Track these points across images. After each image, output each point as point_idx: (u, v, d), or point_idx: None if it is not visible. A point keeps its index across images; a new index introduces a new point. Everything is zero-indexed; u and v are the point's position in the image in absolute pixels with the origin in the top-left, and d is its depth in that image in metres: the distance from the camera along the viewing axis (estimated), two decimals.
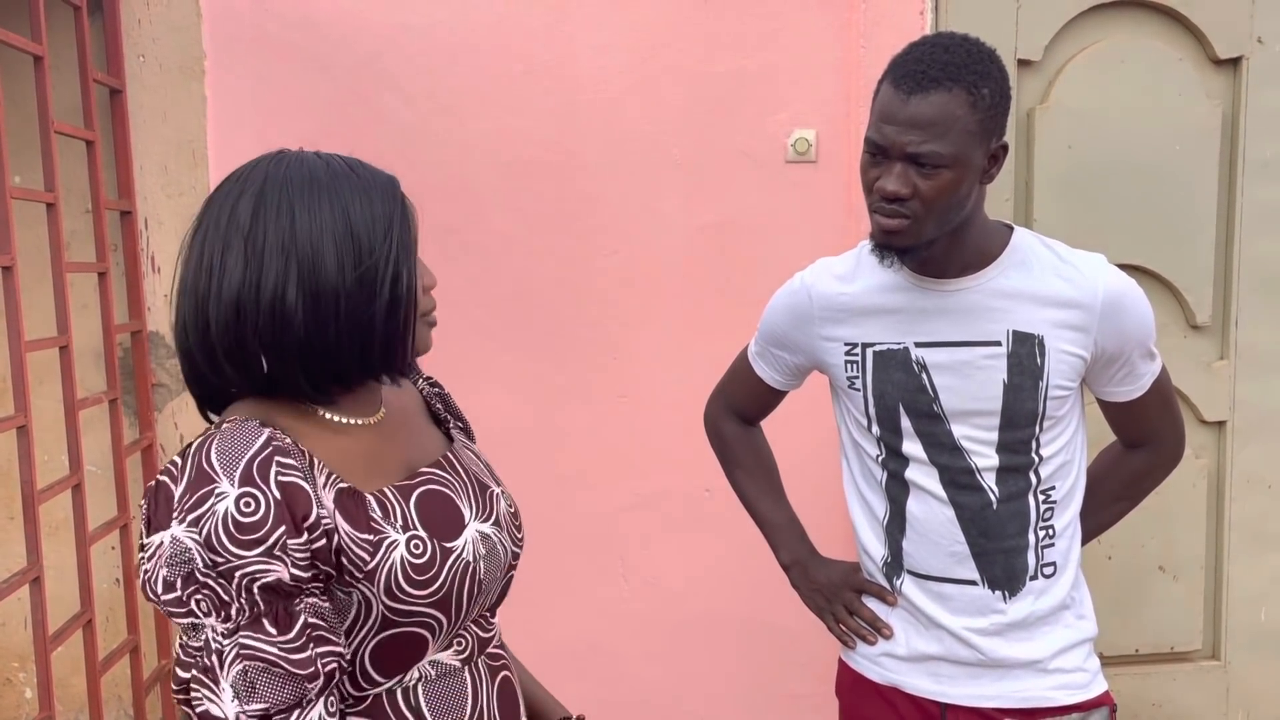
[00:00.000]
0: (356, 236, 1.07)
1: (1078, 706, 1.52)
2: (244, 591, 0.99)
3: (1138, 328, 1.48)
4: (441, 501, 1.15)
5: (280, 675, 0.99)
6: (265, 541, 0.99)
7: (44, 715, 2.13)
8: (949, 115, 1.35)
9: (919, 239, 1.41)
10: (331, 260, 1.05)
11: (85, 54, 2.44)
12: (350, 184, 1.09)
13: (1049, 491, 1.50)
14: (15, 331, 2.09)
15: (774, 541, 1.78)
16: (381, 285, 1.07)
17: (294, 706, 1.00)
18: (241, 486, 1.00)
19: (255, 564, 0.99)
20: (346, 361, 1.09)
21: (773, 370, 1.72)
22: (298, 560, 1.01)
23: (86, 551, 2.34)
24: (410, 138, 2.66)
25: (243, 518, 0.99)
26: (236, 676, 0.99)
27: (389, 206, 1.10)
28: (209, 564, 0.98)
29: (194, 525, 0.98)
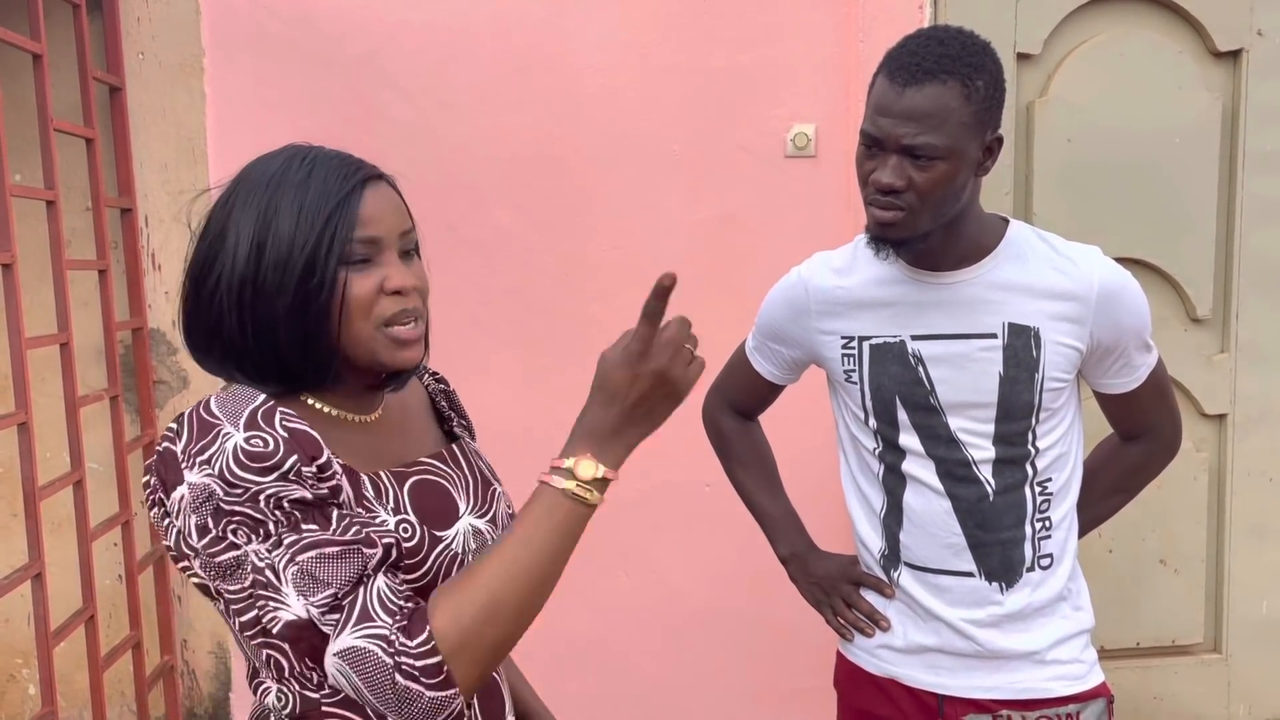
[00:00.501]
0: (277, 227, 1.05)
1: (1075, 697, 1.52)
2: (274, 508, 0.99)
3: (1133, 320, 1.48)
4: (436, 491, 1.14)
5: (334, 556, 0.99)
6: (280, 467, 0.99)
7: (47, 710, 2.14)
8: (944, 107, 1.35)
9: (914, 231, 1.41)
10: (244, 250, 1.05)
11: (85, 52, 2.44)
12: (294, 181, 1.07)
13: (1045, 483, 1.50)
14: (16, 329, 2.09)
15: (772, 535, 1.79)
16: (288, 280, 1.05)
17: (357, 583, 0.99)
18: (247, 430, 1.00)
19: (274, 486, 0.99)
20: (257, 356, 1.07)
21: (770, 365, 1.72)
22: (315, 486, 1.01)
23: (88, 548, 2.35)
24: (409, 134, 2.67)
25: (252, 449, 0.99)
26: (294, 577, 0.98)
27: (322, 203, 1.06)
28: (231, 494, 0.98)
29: (206, 465, 0.99)
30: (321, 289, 1.05)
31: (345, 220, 1.06)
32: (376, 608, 0.99)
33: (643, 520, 2.83)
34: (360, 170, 1.11)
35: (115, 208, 2.59)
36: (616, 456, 1.09)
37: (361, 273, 1.07)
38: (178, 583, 2.77)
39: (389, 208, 1.11)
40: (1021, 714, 1.51)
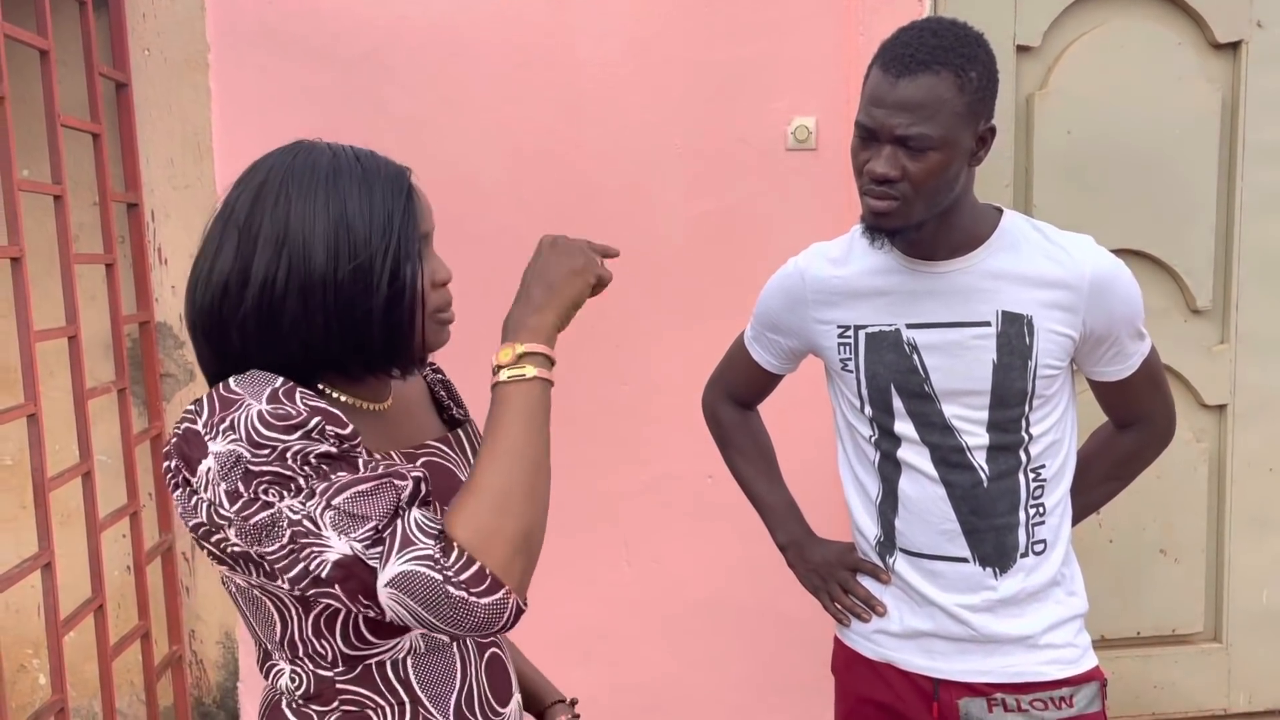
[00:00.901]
0: (352, 229, 1.07)
1: (1068, 681, 1.54)
2: (302, 464, 1.00)
3: (1126, 308, 1.50)
4: (444, 474, 1.16)
5: (368, 492, 1.01)
6: (305, 426, 1.01)
7: (57, 698, 2.16)
8: (937, 98, 1.37)
9: (909, 220, 1.43)
10: (322, 252, 1.06)
11: (91, 48, 2.47)
12: (352, 176, 1.09)
13: (1039, 470, 1.52)
14: (25, 322, 2.12)
15: (771, 523, 1.81)
16: (379, 280, 1.07)
17: (394, 515, 1.01)
18: (270, 403, 1.02)
19: (300, 443, 1.01)
20: (342, 353, 1.09)
21: (768, 354, 1.74)
22: (345, 442, 1.03)
23: (97, 538, 2.38)
24: (412, 129, 2.69)
25: (274, 416, 1.01)
26: (333, 519, 1.00)
27: (391, 200, 1.10)
28: (258, 455, 1.00)
29: (230, 432, 1.00)
30: (405, 285, 1.09)
31: (411, 217, 1.11)
32: (417, 533, 1.01)
33: (645, 511, 2.85)
34: (402, 168, 1.15)
35: (122, 202, 2.61)
36: (531, 332, 1.14)
37: (424, 264, 1.13)
38: (186, 574, 2.80)
39: (427, 201, 1.17)
40: (1015, 697, 1.52)
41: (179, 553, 2.78)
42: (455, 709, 1.16)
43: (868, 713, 1.64)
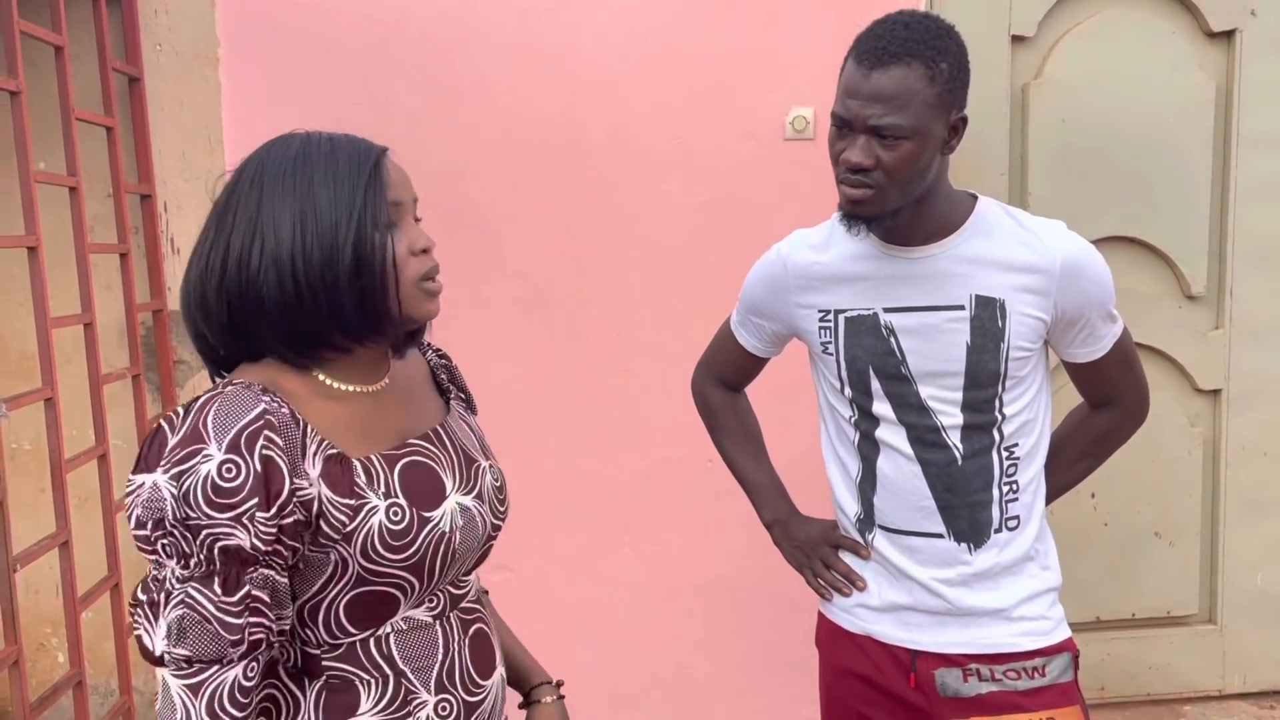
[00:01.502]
0: (316, 203, 1.13)
1: (1041, 651, 1.58)
2: (205, 548, 1.06)
3: (1096, 290, 1.54)
4: (425, 473, 1.21)
5: (210, 632, 1.06)
6: (237, 509, 1.05)
7: (74, 671, 2.24)
8: (908, 89, 1.41)
9: (883, 208, 1.48)
10: (289, 226, 1.12)
11: (104, 43, 2.54)
12: (319, 157, 1.15)
13: (1012, 449, 1.57)
14: (41, 309, 2.20)
15: (757, 501, 1.86)
16: (343, 247, 1.13)
17: (214, 662, 1.07)
18: (227, 453, 1.06)
19: (222, 527, 1.05)
20: (318, 322, 1.14)
21: (753, 338, 1.80)
22: (262, 533, 1.07)
23: (113, 518, 2.46)
24: (417, 121, 2.75)
25: (223, 482, 1.05)
26: (174, 619, 1.06)
27: (356, 174, 1.15)
28: (179, 517, 1.05)
29: (176, 479, 1.05)
30: (372, 252, 1.14)
31: (378, 184, 1.16)
32: (206, 698, 1.07)
33: (646, 495, 2.91)
34: (373, 145, 1.20)
35: (135, 194, 2.68)
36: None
37: (395, 234, 1.17)
38: None
39: (403, 176, 1.21)
40: (989, 668, 1.57)
41: None
42: (437, 681, 1.22)
43: (849, 683, 1.69)
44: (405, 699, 1.19)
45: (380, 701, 1.18)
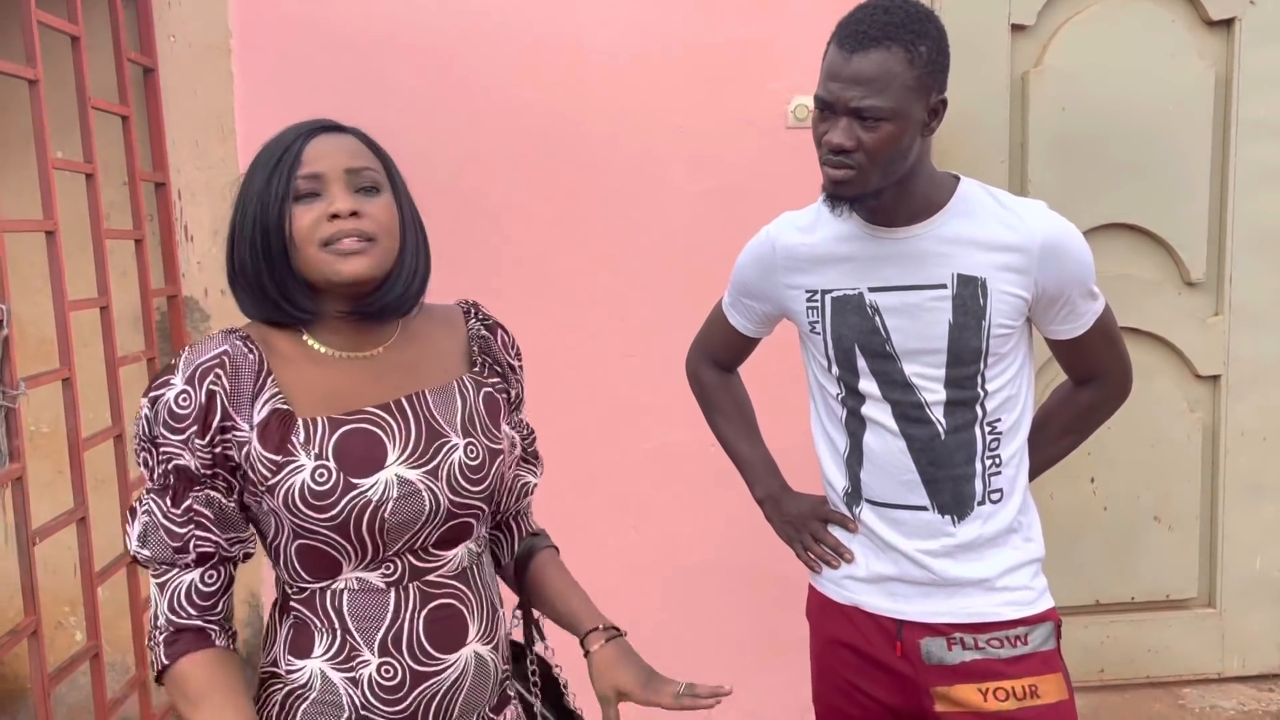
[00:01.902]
0: (250, 187, 1.29)
1: (1023, 620, 1.63)
2: (162, 465, 1.25)
3: (1076, 268, 1.58)
4: (365, 441, 1.26)
5: (160, 539, 1.25)
6: (184, 432, 1.23)
7: (92, 644, 2.31)
8: (888, 72, 1.46)
9: (865, 188, 1.52)
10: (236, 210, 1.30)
11: (119, 34, 2.60)
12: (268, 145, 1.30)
13: (995, 423, 1.61)
14: (59, 291, 2.26)
15: (749, 478, 1.91)
16: (252, 223, 1.27)
17: (169, 565, 1.26)
18: (184, 384, 1.24)
19: (173, 447, 1.24)
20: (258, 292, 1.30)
21: (744, 319, 1.84)
22: (201, 457, 1.24)
23: (128, 497, 2.52)
24: (425, 110, 2.80)
25: (177, 409, 1.23)
26: (140, 525, 1.26)
27: (272, 157, 1.28)
28: (149, 435, 1.25)
29: (151, 404, 1.25)
30: (273, 223, 1.26)
31: (289, 163, 1.26)
32: (168, 596, 1.26)
33: (650, 478, 2.95)
34: (315, 124, 1.30)
35: (150, 182, 2.75)
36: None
37: (307, 205, 1.26)
38: None
39: (334, 149, 1.28)
40: (973, 636, 1.62)
41: None
42: (381, 644, 1.28)
43: (838, 653, 1.74)
44: (350, 654, 1.28)
45: (329, 650, 1.29)
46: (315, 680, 1.28)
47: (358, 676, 1.28)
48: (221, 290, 2.86)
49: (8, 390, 2.00)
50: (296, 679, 1.29)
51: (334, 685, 1.28)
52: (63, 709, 2.97)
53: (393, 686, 1.28)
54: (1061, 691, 1.62)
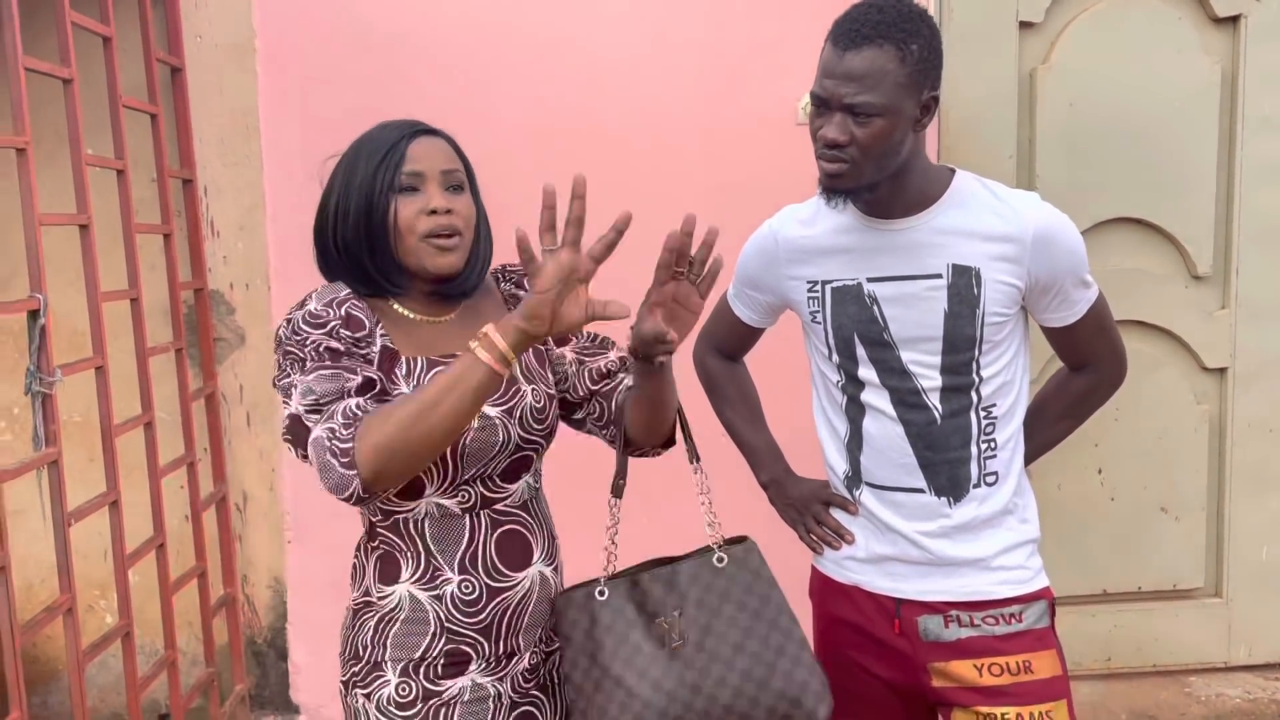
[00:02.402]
0: (353, 179, 1.46)
1: (1018, 599, 1.68)
2: (311, 348, 1.40)
3: (1068, 258, 1.62)
4: None
5: (329, 376, 1.38)
6: (325, 326, 1.42)
7: (123, 623, 2.40)
8: (879, 69, 1.51)
9: (859, 181, 1.58)
10: (335, 199, 1.47)
11: (149, 35, 2.69)
12: (368, 139, 1.48)
13: (990, 409, 1.66)
14: (92, 282, 2.35)
15: (754, 463, 1.97)
16: (360, 208, 1.45)
17: (335, 397, 1.37)
18: (320, 305, 1.44)
19: (319, 336, 1.40)
20: (360, 271, 1.47)
21: (748, 310, 1.90)
22: (347, 343, 1.41)
23: (158, 482, 2.61)
24: (444, 109, 2.83)
25: (316, 313, 1.43)
26: (302, 390, 1.39)
27: (378, 151, 1.45)
28: (292, 340, 1.41)
29: (287, 321, 1.43)
30: (376, 212, 1.44)
31: (394, 160, 1.44)
32: (339, 414, 1.36)
33: (664, 467, 3.01)
34: (414, 126, 1.50)
35: (178, 178, 2.84)
36: (505, 325, 1.36)
37: (409, 198, 1.45)
38: (239, 522, 3.04)
39: (433, 151, 1.49)
40: (969, 614, 1.67)
41: (232, 503, 3.01)
42: (459, 563, 1.48)
43: (839, 631, 1.79)
44: (433, 574, 1.47)
45: (415, 573, 1.48)
46: (405, 602, 1.47)
47: (441, 593, 1.47)
48: (247, 284, 2.95)
49: (45, 377, 2.09)
50: (387, 604, 1.48)
51: (421, 604, 1.47)
52: (93, 690, 3.07)
53: (471, 600, 1.48)
54: (1055, 667, 1.68)
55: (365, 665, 1.48)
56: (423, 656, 1.47)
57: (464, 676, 1.48)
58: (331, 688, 3.21)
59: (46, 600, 2.94)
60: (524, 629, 1.52)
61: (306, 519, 2.98)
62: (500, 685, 1.50)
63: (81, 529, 2.44)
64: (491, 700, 1.49)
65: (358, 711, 1.49)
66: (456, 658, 1.47)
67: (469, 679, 1.48)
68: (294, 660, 3.06)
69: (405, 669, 1.46)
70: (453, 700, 1.47)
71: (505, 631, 1.50)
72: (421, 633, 1.46)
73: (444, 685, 1.47)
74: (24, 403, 2.97)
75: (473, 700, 1.48)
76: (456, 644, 1.47)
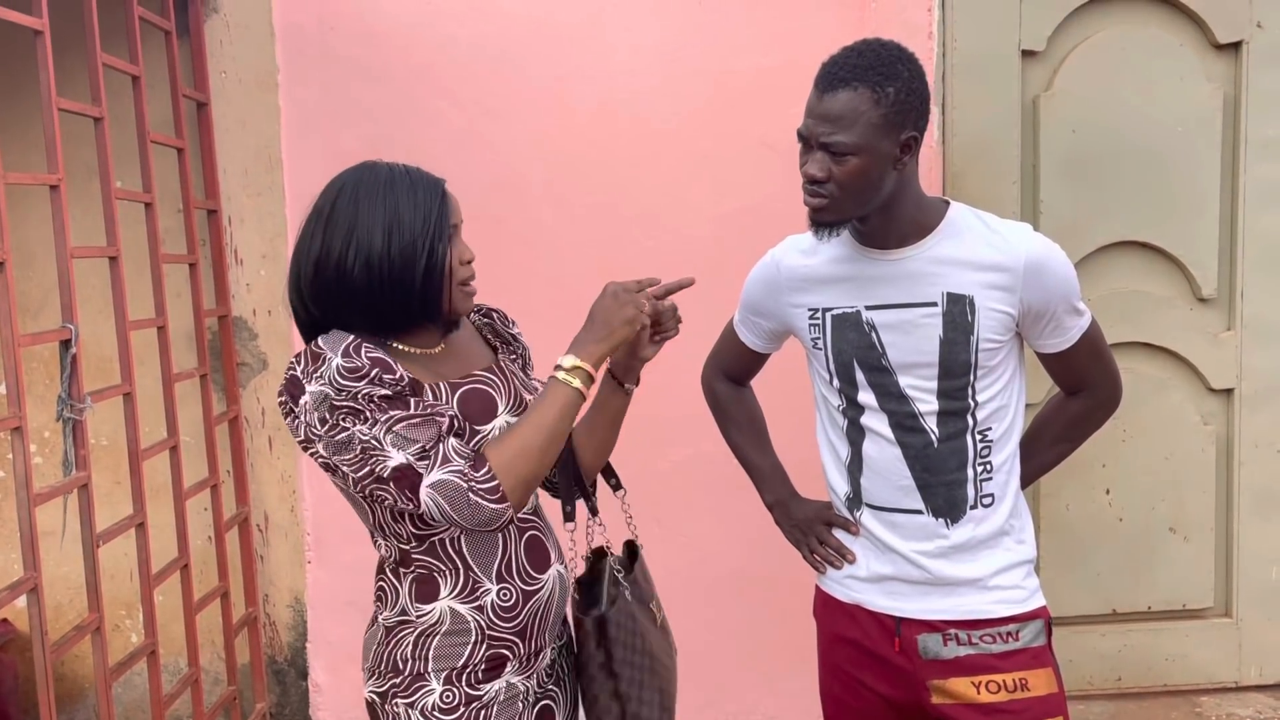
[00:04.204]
0: (401, 221, 1.49)
1: (1015, 618, 1.72)
2: (370, 401, 1.43)
3: (1059, 286, 1.68)
4: (481, 395, 1.57)
5: (419, 423, 1.44)
6: (367, 376, 1.43)
7: (149, 641, 2.47)
8: (854, 110, 1.58)
9: (841, 215, 1.65)
10: (380, 239, 1.48)
11: (175, 72, 2.78)
12: (402, 184, 1.51)
13: (985, 432, 1.71)
14: (121, 312, 2.43)
15: (759, 485, 2.03)
16: (419, 258, 1.49)
17: (437, 440, 1.44)
18: (343, 357, 1.44)
19: (366, 387, 1.43)
20: (391, 311, 1.51)
21: (753, 335, 1.96)
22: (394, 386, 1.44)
23: (183, 505, 2.69)
24: (460, 139, 2.95)
25: (347, 367, 1.43)
26: (392, 440, 1.43)
27: (430, 201, 1.51)
28: (340, 393, 1.43)
29: (320, 379, 1.43)
30: (439, 262, 1.51)
31: (445, 212, 1.52)
32: (453, 455, 1.45)
33: (677, 488, 3.07)
34: (438, 178, 1.56)
35: (203, 209, 2.92)
36: (589, 355, 1.55)
37: (452, 248, 1.53)
38: (260, 543, 3.11)
39: (457, 203, 1.58)
40: (967, 632, 1.72)
41: (254, 524, 3.08)
42: (497, 573, 1.57)
43: (841, 649, 1.84)
44: (473, 587, 1.56)
45: (455, 588, 1.56)
46: (445, 616, 1.55)
47: (482, 604, 1.56)
48: (269, 310, 3.03)
49: (75, 404, 2.16)
50: (425, 620, 1.56)
51: (461, 616, 1.55)
52: (119, 707, 3.14)
53: (509, 606, 1.57)
54: (1051, 685, 1.72)
55: (407, 677, 1.56)
56: (465, 664, 1.56)
57: (501, 679, 1.58)
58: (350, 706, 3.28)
59: (74, 620, 3.02)
60: (549, 626, 1.63)
61: (327, 540, 3.05)
62: (528, 682, 1.61)
63: (108, 551, 2.52)
64: (521, 698, 1.60)
65: (398, 717, 1.57)
66: (496, 661, 1.57)
67: (504, 680, 1.58)
68: (314, 679, 3.12)
69: (448, 677, 1.55)
70: (491, 702, 1.57)
71: (536, 631, 1.60)
72: (464, 643, 1.56)
73: (484, 689, 1.56)
74: (55, 427, 3.06)
75: (507, 700, 1.58)
76: (496, 649, 1.57)
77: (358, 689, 1.69)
